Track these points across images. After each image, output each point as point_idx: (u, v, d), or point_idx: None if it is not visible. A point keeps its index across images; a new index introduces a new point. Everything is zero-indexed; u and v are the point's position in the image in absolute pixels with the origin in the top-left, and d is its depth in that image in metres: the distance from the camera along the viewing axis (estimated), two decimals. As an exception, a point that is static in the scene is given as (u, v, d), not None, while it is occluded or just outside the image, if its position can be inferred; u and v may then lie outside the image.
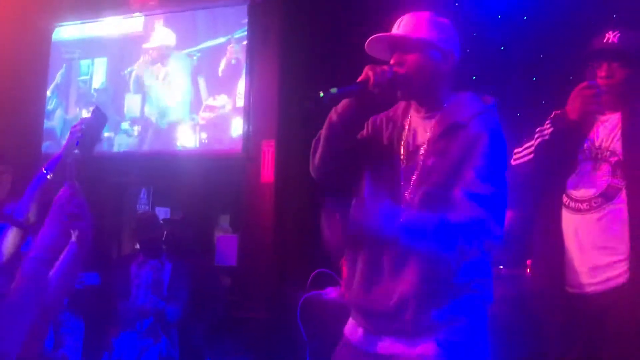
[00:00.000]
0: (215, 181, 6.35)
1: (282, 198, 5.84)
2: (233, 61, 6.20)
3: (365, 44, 2.12)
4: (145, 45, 6.73)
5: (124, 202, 7.20)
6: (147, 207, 7.42)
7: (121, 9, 6.89)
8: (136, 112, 6.69)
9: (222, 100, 6.24)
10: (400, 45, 2.10)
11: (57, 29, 7.12)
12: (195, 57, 6.46)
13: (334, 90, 1.94)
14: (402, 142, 2.15)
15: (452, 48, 2.14)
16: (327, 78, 4.68)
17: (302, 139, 5.88)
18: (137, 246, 5.87)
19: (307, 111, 1.91)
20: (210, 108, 6.28)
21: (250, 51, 6.09)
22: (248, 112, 6.03)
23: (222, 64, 6.29)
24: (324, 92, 1.92)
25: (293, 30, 5.93)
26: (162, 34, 6.67)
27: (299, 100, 1.98)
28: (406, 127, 2.18)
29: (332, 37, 5.67)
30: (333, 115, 2.11)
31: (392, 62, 2.09)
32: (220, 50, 6.31)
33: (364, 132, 2.25)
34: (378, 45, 2.13)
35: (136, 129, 6.64)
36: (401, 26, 2.13)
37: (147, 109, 6.64)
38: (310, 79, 5.57)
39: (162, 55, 6.62)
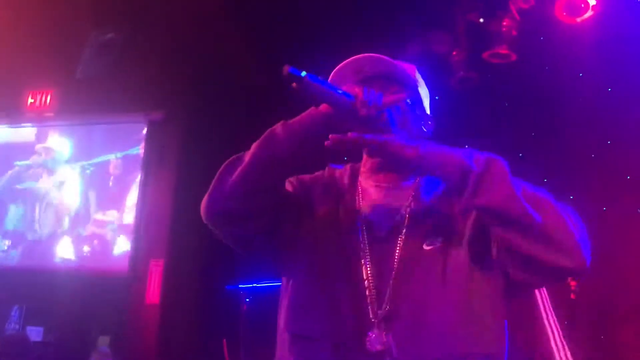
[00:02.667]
0: (95, 300, 6.01)
1: (168, 321, 5.59)
2: (112, 177, 6.14)
3: (337, 68, 1.58)
4: (38, 146, 6.53)
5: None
6: (18, 327, 6.88)
7: (13, 118, 6.69)
8: (10, 224, 6.38)
9: (111, 215, 6.07)
10: (386, 79, 1.57)
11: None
12: (88, 171, 6.31)
13: (322, 78, 1.45)
14: (362, 222, 1.54)
15: (430, 117, 1.66)
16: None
17: (192, 259, 5.78)
18: (1, 370, 5.36)
19: (286, 78, 1.39)
20: (99, 223, 6.08)
21: (146, 168, 6.03)
22: (138, 230, 5.87)
23: (112, 180, 6.19)
24: (308, 74, 1.40)
25: (190, 149, 5.94)
26: (57, 140, 6.51)
27: (284, 66, 1.31)
28: (360, 202, 1.58)
29: (231, 155, 5.72)
30: (279, 130, 1.48)
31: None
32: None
33: (290, 189, 1.62)
34: (348, 75, 1.58)
35: (6, 242, 6.31)
36: (384, 60, 1.58)
37: (26, 220, 6.33)
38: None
39: (53, 160, 6.43)
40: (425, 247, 1.48)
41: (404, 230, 1.50)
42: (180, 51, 5.96)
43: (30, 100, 6.67)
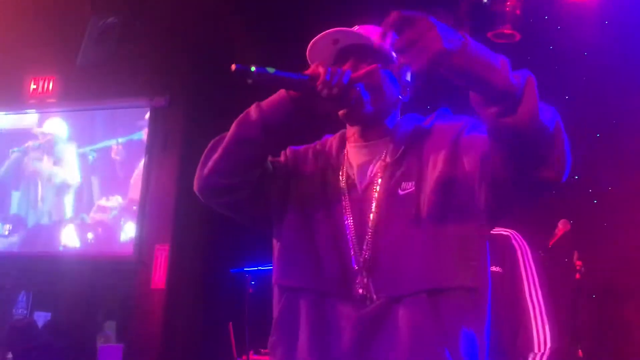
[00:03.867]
0: (101, 285, 6.04)
1: (173, 306, 5.62)
2: (115, 163, 6.15)
3: (310, 44, 1.62)
4: (35, 130, 6.53)
5: (-2, 306, 6.70)
6: (26, 313, 6.93)
7: (16, 105, 6.69)
8: (13, 209, 6.40)
9: (115, 201, 6.07)
10: (359, 51, 1.61)
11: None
12: (91, 157, 6.31)
13: (271, 69, 1.46)
14: (345, 182, 1.64)
15: (409, 82, 1.70)
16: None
17: (197, 244, 5.80)
18: (10, 356, 5.42)
19: (237, 74, 1.43)
20: (102, 209, 6.09)
21: (150, 154, 6.02)
22: (142, 215, 5.89)
23: (115, 165, 6.19)
24: (256, 68, 1.44)
25: (194, 135, 5.94)
26: (54, 122, 6.51)
27: (235, 64, 1.45)
28: (345, 161, 1.67)
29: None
30: (253, 112, 1.58)
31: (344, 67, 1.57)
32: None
33: (282, 160, 1.73)
34: (323, 49, 1.63)
35: (7, 227, 6.33)
36: (360, 31, 1.64)
37: (29, 206, 6.35)
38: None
39: (52, 142, 6.43)
40: (400, 192, 1.56)
41: (379, 180, 1.59)
42: (182, 36, 5.94)
43: (32, 86, 6.66)
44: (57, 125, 6.50)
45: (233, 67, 1.44)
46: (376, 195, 1.58)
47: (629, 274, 4.95)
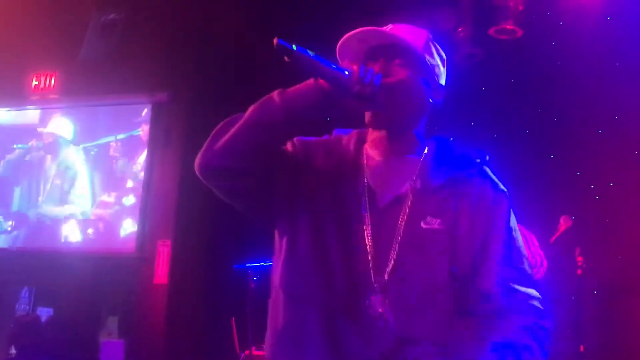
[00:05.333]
0: (104, 281, 6.05)
1: (175, 301, 5.62)
2: (116, 159, 6.16)
3: (340, 42, 1.55)
4: (39, 129, 6.54)
5: (1, 302, 6.70)
6: (28, 308, 6.94)
7: (18, 101, 6.69)
8: (15, 205, 6.41)
9: (117, 196, 6.08)
10: (390, 52, 1.53)
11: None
12: (92, 152, 6.32)
13: (311, 52, 1.41)
14: (364, 189, 1.54)
15: (443, 87, 1.63)
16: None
17: (200, 239, 5.81)
18: (13, 351, 5.42)
19: (278, 49, 1.38)
20: (105, 204, 6.09)
21: (151, 149, 6.03)
22: (144, 210, 5.89)
23: (116, 161, 6.20)
24: (297, 47, 1.39)
25: (195, 130, 5.93)
26: (60, 123, 6.51)
27: (277, 39, 1.32)
28: (365, 169, 1.57)
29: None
30: (276, 96, 1.48)
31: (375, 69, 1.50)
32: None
33: (290, 150, 1.60)
34: (354, 46, 1.56)
35: (9, 223, 6.35)
36: (392, 31, 1.57)
37: (30, 201, 6.36)
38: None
39: (56, 143, 6.43)
40: (423, 225, 1.49)
41: (409, 204, 1.50)
42: (184, 31, 5.93)
43: (34, 82, 6.66)
44: (61, 126, 6.50)
45: (275, 40, 1.37)
46: (402, 218, 1.50)
47: (630, 269, 4.96)
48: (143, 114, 6.22)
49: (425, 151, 1.59)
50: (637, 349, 4.92)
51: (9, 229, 6.35)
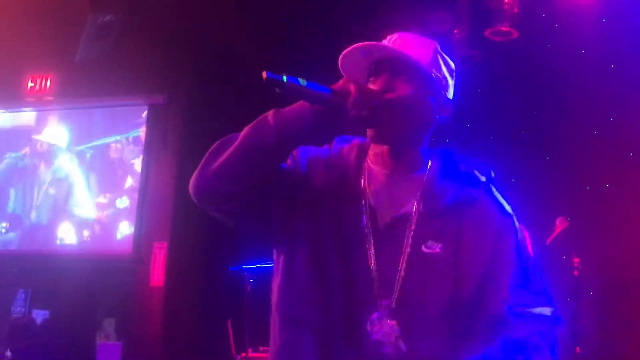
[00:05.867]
0: (100, 283, 6.04)
1: (172, 304, 5.62)
2: (112, 160, 6.15)
3: (342, 54, 1.50)
4: (35, 137, 6.52)
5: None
6: (24, 310, 6.92)
7: (14, 103, 6.68)
8: (10, 207, 6.40)
9: (113, 199, 6.07)
10: (395, 66, 1.47)
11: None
12: (88, 154, 6.31)
13: (303, 81, 1.36)
14: (366, 208, 1.48)
15: (451, 101, 1.56)
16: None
17: (196, 241, 5.80)
18: (9, 354, 5.41)
19: (268, 83, 1.34)
20: (100, 206, 6.09)
21: (148, 151, 6.02)
22: (141, 212, 5.88)
23: (113, 163, 6.19)
24: (288, 77, 1.34)
25: (192, 132, 5.93)
26: (55, 131, 6.50)
27: (267, 74, 1.29)
28: (367, 187, 1.51)
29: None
30: (271, 118, 1.42)
31: (376, 87, 1.46)
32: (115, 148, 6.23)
33: (289, 164, 1.54)
34: (357, 60, 1.50)
35: (4, 225, 6.33)
36: (397, 44, 1.50)
37: (26, 203, 6.35)
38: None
39: (50, 152, 6.42)
40: (424, 249, 1.44)
41: (413, 227, 1.45)
42: (181, 33, 5.93)
43: (30, 84, 6.65)
44: (56, 134, 6.48)
45: (264, 75, 1.33)
46: (407, 245, 1.44)
47: (627, 270, 4.96)
48: (144, 115, 6.21)
49: (429, 166, 1.54)
50: (633, 350, 4.92)
51: (4, 230, 6.33)
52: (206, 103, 5.94)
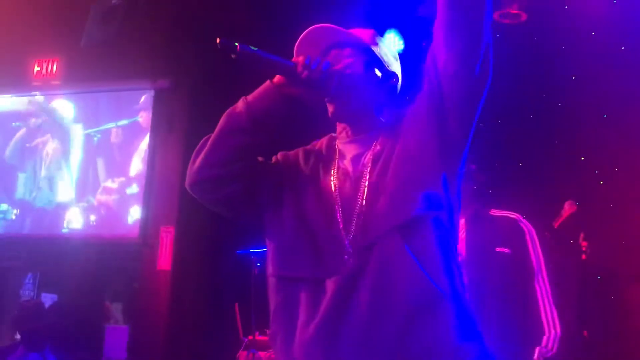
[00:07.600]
0: (107, 267, 6.07)
1: (178, 287, 5.64)
2: (118, 145, 6.16)
3: (298, 41, 1.70)
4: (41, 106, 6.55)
5: (6, 288, 6.74)
6: (33, 294, 6.97)
7: (20, 87, 6.68)
8: (19, 193, 6.42)
9: (120, 182, 6.08)
10: (340, 46, 1.70)
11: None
12: (95, 139, 6.31)
13: (254, 48, 1.52)
14: (333, 172, 1.67)
15: (395, 75, 1.76)
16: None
17: (203, 225, 5.80)
18: (18, 337, 5.46)
19: (221, 48, 1.49)
20: (108, 190, 6.10)
21: (154, 136, 6.02)
22: (147, 197, 5.89)
23: (119, 147, 6.19)
24: (240, 44, 1.51)
25: (198, 116, 5.92)
26: (61, 103, 6.51)
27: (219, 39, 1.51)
28: (336, 156, 1.71)
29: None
30: (239, 104, 1.65)
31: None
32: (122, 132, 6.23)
33: (274, 162, 1.77)
34: (309, 45, 1.70)
35: (14, 211, 6.36)
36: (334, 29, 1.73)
37: (34, 188, 6.37)
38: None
39: (55, 122, 6.43)
40: (375, 178, 1.61)
41: (369, 169, 1.62)
42: (186, 18, 5.90)
43: (36, 68, 6.64)
44: (63, 105, 6.50)
45: (218, 40, 1.49)
46: (366, 183, 1.60)
47: (635, 255, 4.94)
48: (141, 100, 6.20)
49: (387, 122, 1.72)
50: (640, 334, 4.92)
51: (14, 217, 6.35)
52: (211, 87, 5.92)
